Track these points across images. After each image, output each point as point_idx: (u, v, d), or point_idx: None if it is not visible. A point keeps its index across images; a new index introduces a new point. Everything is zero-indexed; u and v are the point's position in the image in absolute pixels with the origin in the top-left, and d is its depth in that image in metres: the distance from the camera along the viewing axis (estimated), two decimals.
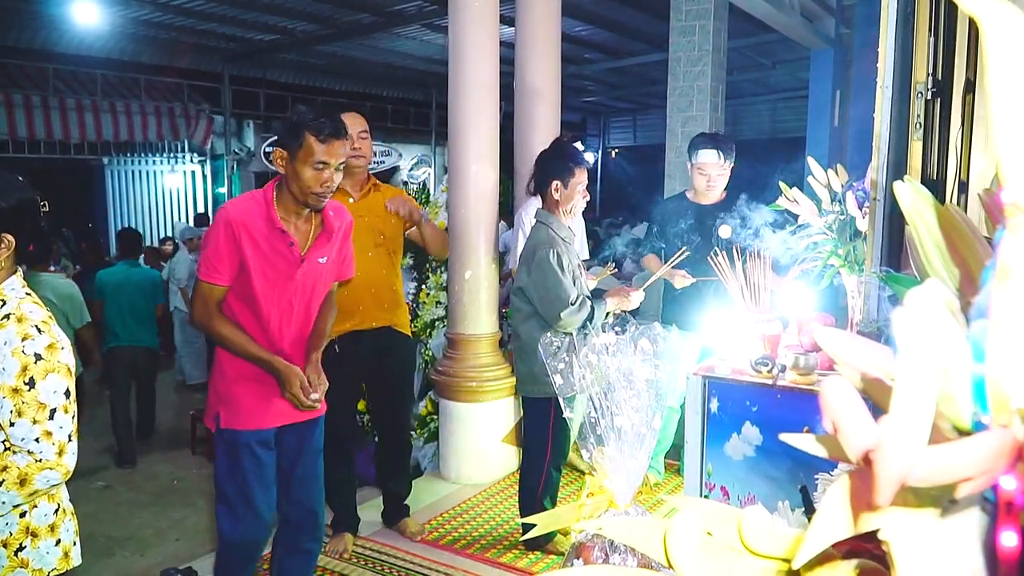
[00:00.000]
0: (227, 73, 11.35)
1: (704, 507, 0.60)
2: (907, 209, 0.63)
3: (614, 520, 0.63)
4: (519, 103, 4.93)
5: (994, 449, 0.41)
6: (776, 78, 12.44)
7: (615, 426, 1.87)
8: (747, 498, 2.70)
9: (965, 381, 0.44)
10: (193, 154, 12.52)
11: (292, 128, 2.35)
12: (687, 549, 0.57)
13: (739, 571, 0.57)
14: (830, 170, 3.16)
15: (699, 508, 0.60)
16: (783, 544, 0.57)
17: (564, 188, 3.37)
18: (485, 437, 4.59)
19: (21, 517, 1.88)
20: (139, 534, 4.66)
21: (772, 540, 0.57)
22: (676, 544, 0.57)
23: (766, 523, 0.58)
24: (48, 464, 1.82)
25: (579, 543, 1.95)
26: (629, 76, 13.12)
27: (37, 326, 1.85)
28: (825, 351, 0.56)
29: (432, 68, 11.27)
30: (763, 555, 0.57)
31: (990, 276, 0.45)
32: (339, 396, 3.60)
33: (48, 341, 1.85)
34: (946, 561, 0.44)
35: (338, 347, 3.51)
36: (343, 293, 3.46)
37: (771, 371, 2.69)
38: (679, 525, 0.58)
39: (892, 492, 0.41)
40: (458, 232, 4.50)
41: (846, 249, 3.06)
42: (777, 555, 0.57)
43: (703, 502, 0.61)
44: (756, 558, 0.57)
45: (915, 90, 2.45)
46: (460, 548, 3.77)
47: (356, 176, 3.52)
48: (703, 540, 0.58)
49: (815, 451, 0.51)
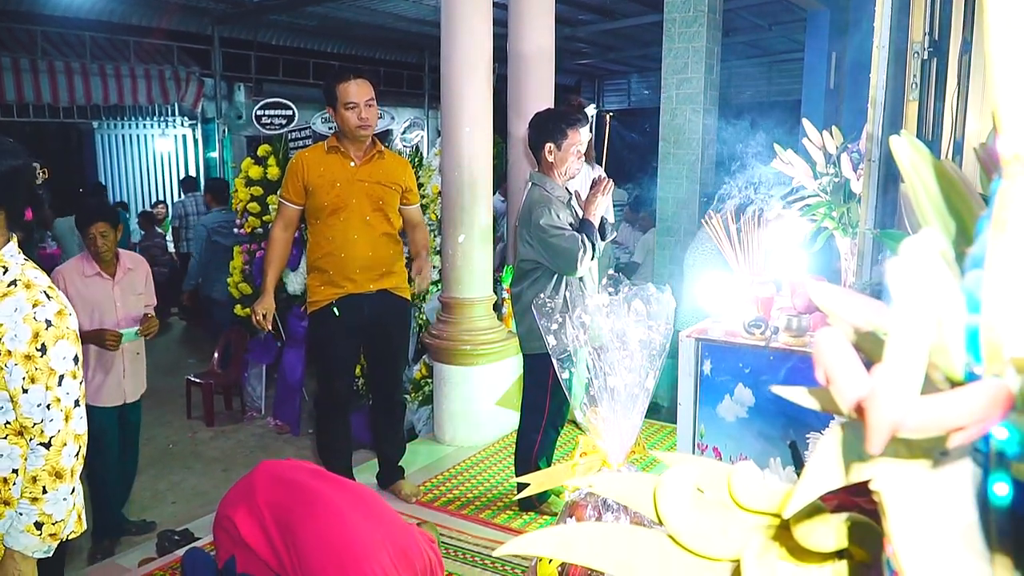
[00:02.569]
0: (217, 35, 11.20)
1: (694, 464, 0.60)
2: (903, 164, 0.62)
3: (605, 477, 0.63)
4: (513, 65, 4.88)
5: (987, 399, 0.41)
6: (772, 40, 12.33)
7: (608, 386, 1.88)
8: (739, 458, 2.72)
9: (958, 331, 0.43)
10: (184, 118, 12.39)
11: None
12: (677, 505, 0.57)
13: (730, 526, 0.58)
14: (825, 132, 3.14)
15: (689, 465, 0.60)
16: (774, 499, 0.57)
17: (557, 150, 3.36)
18: (479, 400, 4.62)
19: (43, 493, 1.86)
20: (136, 497, 4.69)
21: (762, 495, 0.57)
22: (666, 500, 0.57)
23: (756, 478, 0.58)
24: (61, 439, 1.83)
25: (572, 502, 1.97)
26: (623, 38, 12.98)
27: (46, 292, 1.85)
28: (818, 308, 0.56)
29: (425, 30, 11.14)
30: (753, 510, 0.57)
31: (985, 226, 0.45)
32: (338, 359, 3.65)
33: (57, 307, 1.85)
34: (938, 511, 0.44)
35: (337, 310, 3.53)
36: (342, 257, 3.46)
37: (764, 333, 2.70)
38: (669, 481, 0.58)
39: (884, 441, 0.41)
40: (451, 195, 4.48)
41: (840, 211, 3.06)
42: (768, 510, 0.57)
43: (693, 459, 0.61)
44: (747, 513, 0.58)
45: (911, 50, 2.43)
46: (455, 510, 3.80)
47: (361, 142, 3.52)
48: (693, 496, 0.58)
49: (807, 403, 0.51)
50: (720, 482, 0.59)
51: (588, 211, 3.37)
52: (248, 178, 5.97)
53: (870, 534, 0.53)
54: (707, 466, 0.60)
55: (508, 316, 4.81)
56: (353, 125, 3.42)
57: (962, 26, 2.24)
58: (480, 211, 4.50)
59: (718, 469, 0.59)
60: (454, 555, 3.36)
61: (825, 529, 0.53)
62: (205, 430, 5.94)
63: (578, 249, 3.21)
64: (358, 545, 2.24)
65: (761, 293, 2.88)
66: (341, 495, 2.45)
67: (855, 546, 0.54)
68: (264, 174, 5.92)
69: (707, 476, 0.59)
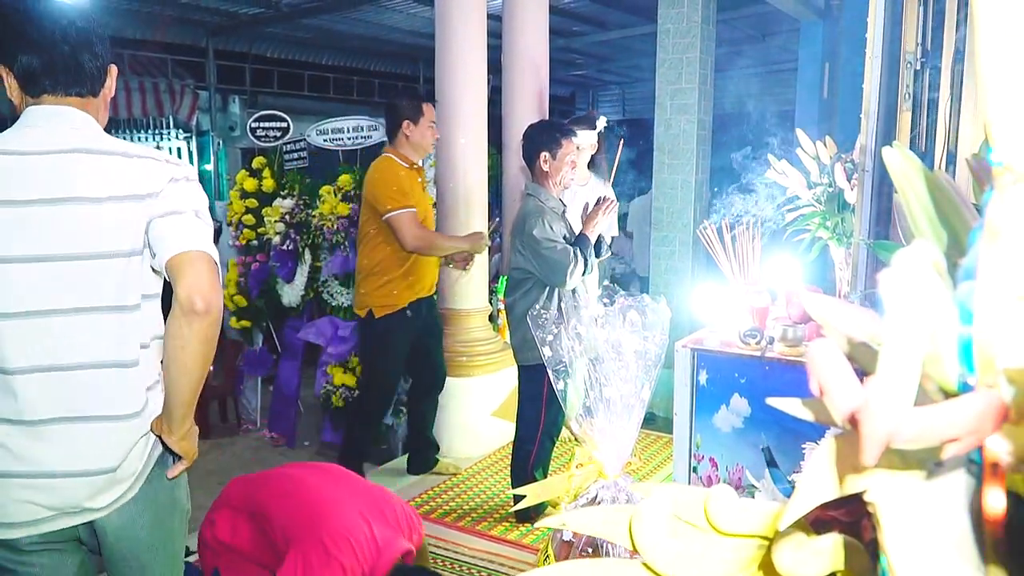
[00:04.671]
0: (212, 47, 11.21)
1: (670, 491, 0.59)
2: (896, 174, 0.62)
3: (579, 514, 0.62)
4: (507, 76, 4.89)
5: (980, 410, 0.41)
6: (765, 51, 12.39)
7: (604, 397, 1.88)
8: (735, 468, 2.72)
9: (952, 342, 0.44)
10: (179, 130, 12.37)
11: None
12: (654, 535, 0.56)
13: (709, 553, 0.57)
14: (819, 142, 3.16)
15: (665, 492, 0.59)
16: (753, 521, 0.56)
17: (552, 159, 3.39)
18: (476, 411, 4.61)
19: None
20: None
21: (741, 518, 0.56)
22: (641, 531, 0.56)
23: (733, 501, 0.57)
24: None
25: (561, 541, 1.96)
26: (618, 49, 13.03)
27: None
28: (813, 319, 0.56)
29: (420, 42, 11.16)
30: (733, 534, 0.57)
31: (978, 237, 0.45)
32: (402, 360, 4.05)
33: None
34: (932, 522, 0.44)
35: (410, 312, 3.88)
36: (427, 261, 3.90)
37: (759, 343, 2.70)
38: (644, 512, 0.57)
39: (878, 453, 0.41)
40: (446, 206, 4.48)
41: (834, 221, 3.06)
42: (748, 533, 0.57)
43: (669, 486, 0.60)
44: (726, 538, 0.57)
45: (904, 60, 2.44)
46: (451, 521, 3.79)
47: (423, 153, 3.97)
48: (671, 525, 0.57)
49: (801, 415, 0.51)
50: (697, 508, 0.58)
51: (587, 227, 3.42)
52: (243, 190, 5.97)
53: (855, 556, 0.53)
54: (684, 492, 0.59)
55: (504, 327, 4.81)
56: (431, 141, 3.89)
57: (954, 36, 2.26)
58: (475, 222, 4.50)
59: (695, 494, 0.59)
60: (450, 567, 3.35)
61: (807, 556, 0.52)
62: (200, 443, 5.89)
63: (569, 263, 3.22)
64: (327, 500, 2.21)
65: (756, 303, 2.88)
66: (305, 468, 2.47)
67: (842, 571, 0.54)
68: (259, 186, 5.92)
69: (684, 503, 0.58)
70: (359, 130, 5.66)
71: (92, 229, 1.62)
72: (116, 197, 1.63)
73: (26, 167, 1.61)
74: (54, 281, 1.60)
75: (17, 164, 1.61)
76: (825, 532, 0.57)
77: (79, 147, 1.65)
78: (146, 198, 1.65)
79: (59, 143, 1.65)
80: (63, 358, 1.62)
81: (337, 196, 5.45)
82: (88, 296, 1.63)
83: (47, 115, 1.69)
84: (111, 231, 1.63)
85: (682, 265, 5.52)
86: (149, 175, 1.67)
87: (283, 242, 5.79)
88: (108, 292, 1.64)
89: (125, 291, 1.66)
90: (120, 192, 1.63)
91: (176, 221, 1.66)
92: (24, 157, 1.62)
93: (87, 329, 1.63)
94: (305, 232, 5.68)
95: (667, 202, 5.59)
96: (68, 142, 1.65)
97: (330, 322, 5.61)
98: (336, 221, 5.42)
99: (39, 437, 1.61)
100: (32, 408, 1.61)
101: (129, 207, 1.64)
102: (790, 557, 0.51)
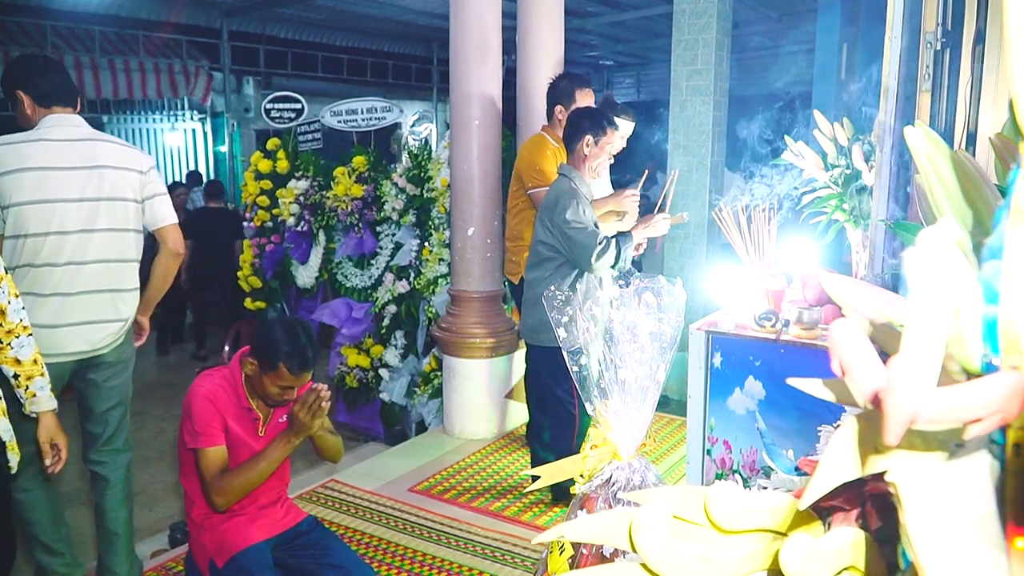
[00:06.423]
0: (226, 28, 11.21)
1: (670, 493, 0.58)
2: (918, 155, 0.62)
3: (578, 522, 0.61)
4: (521, 57, 4.87)
5: (1004, 390, 0.41)
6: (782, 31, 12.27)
7: (619, 379, 1.88)
8: (749, 451, 2.72)
9: (976, 322, 0.43)
10: (193, 111, 12.40)
11: (268, 351, 2.35)
12: (655, 539, 0.56)
13: (712, 553, 0.56)
14: (836, 124, 3.13)
15: (664, 495, 0.58)
16: (757, 516, 0.56)
17: (595, 146, 3.47)
18: (488, 393, 4.62)
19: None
20: (148, 489, 4.72)
21: (744, 514, 0.56)
22: (642, 536, 0.56)
23: (735, 497, 0.56)
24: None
25: (583, 494, 1.97)
26: (632, 30, 12.93)
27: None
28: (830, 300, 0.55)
29: (434, 23, 11.11)
30: (735, 531, 0.56)
31: (1003, 217, 0.44)
32: None
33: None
34: (954, 503, 0.44)
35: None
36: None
37: (774, 326, 2.69)
38: (643, 516, 0.56)
39: (901, 432, 0.40)
40: (461, 188, 4.48)
41: (851, 203, 3.04)
42: (751, 528, 0.56)
43: (668, 489, 0.59)
44: (729, 536, 0.56)
45: (924, 40, 2.41)
46: (464, 503, 3.81)
47: None
48: (672, 527, 0.56)
49: (823, 395, 0.51)
50: (699, 507, 0.57)
51: (636, 228, 3.55)
52: (257, 171, 5.98)
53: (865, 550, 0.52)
54: (684, 493, 0.58)
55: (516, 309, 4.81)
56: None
57: (975, 16, 2.23)
58: (489, 204, 4.49)
59: (695, 494, 0.58)
60: (464, 547, 3.37)
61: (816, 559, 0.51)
62: None
63: (596, 246, 3.28)
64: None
65: (772, 286, 2.87)
66: None
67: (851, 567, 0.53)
68: (273, 168, 5.93)
69: (685, 503, 0.58)
70: (373, 111, 5.66)
71: (115, 183, 2.79)
72: (125, 168, 2.82)
73: (67, 148, 2.72)
74: (93, 212, 2.74)
75: (61, 147, 2.72)
76: (825, 519, 0.56)
77: (93, 137, 2.81)
78: (143, 173, 2.88)
79: (80, 134, 2.78)
80: (102, 255, 2.77)
81: (351, 177, 5.45)
82: (115, 221, 2.79)
83: (60, 120, 2.76)
84: (125, 186, 2.81)
85: (697, 247, 5.50)
86: (141, 159, 2.90)
87: (297, 223, 5.81)
88: (127, 220, 2.83)
89: (134, 221, 2.86)
90: (127, 165, 2.83)
91: (161, 201, 2.94)
92: (63, 143, 2.73)
93: (114, 239, 2.80)
94: (319, 213, 5.69)
95: (681, 183, 5.56)
96: (83, 134, 2.80)
97: (344, 303, 5.63)
98: (350, 203, 5.43)
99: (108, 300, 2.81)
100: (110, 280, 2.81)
101: (134, 175, 2.85)
102: (799, 562, 0.51)
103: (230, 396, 2.46)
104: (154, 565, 3.32)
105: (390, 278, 5.42)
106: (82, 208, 2.70)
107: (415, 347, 5.44)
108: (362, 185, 5.41)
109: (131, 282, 2.89)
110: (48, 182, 2.66)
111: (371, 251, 5.57)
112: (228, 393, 2.46)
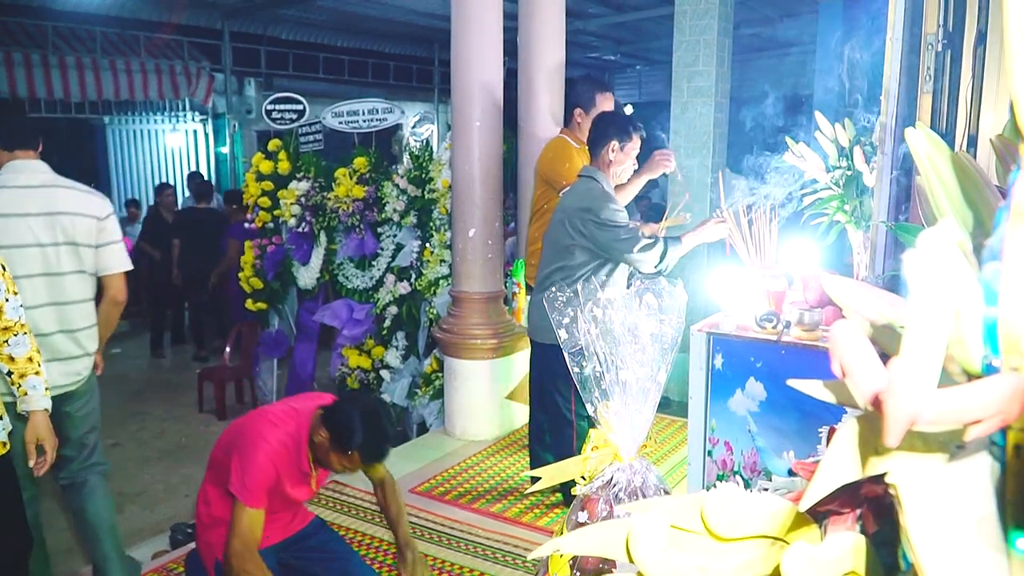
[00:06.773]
0: (227, 29, 11.22)
1: (667, 503, 0.58)
2: (919, 156, 0.62)
3: (575, 535, 0.61)
4: (523, 58, 4.87)
5: (1005, 392, 0.41)
6: (784, 32, 12.26)
7: (620, 380, 1.88)
8: (750, 452, 2.72)
9: (976, 323, 0.43)
10: (195, 113, 12.40)
11: (344, 433, 2.34)
12: (653, 551, 0.55)
13: (709, 562, 0.56)
14: (837, 125, 3.12)
15: (661, 505, 0.57)
16: (755, 521, 0.55)
17: (620, 151, 3.47)
18: (489, 394, 4.62)
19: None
20: (149, 490, 4.73)
21: (741, 520, 0.55)
22: (640, 548, 0.55)
23: (731, 504, 0.55)
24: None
25: (584, 495, 1.97)
26: (634, 31, 12.94)
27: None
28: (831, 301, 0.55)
29: (435, 24, 11.12)
30: (734, 538, 0.56)
31: (1003, 218, 0.44)
32: None
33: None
34: (954, 504, 0.44)
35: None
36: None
37: (775, 327, 2.69)
38: (641, 527, 0.56)
39: (901, 434, 0.40)
40: (462, 189, 4.48)
41: (852, 204, 3.04)
42: (750, 534, 0.55)
43: (665, 499, 0.59)
44: (727, 543, 0.56)
45: (925, 42, 2.41)
46: (465, 503, 3.81)
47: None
48: (670, 537, 0.56)
49: (823, 396, 0.51)
50: (697, 515, 0.57)
51: (687, 234, 3.49)
52: (259, 173, 5.98)
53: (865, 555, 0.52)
54: (681, 502, 0.58)
55: (518, 310, 4.81)
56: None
57: (976, 18, 2.22)
58: (490, 205, 4.49)
59: (692, 502, 0.57)
60: (465, 548, 3.37)
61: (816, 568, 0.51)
62: (216, 423, 5.96)
63: (639, 239, 3.28)
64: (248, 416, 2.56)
65: (773, 287, 2.87)
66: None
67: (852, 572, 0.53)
68: (275, 169, 5.93)
69: (682, 511, 0.57)
70: (374, 112, 5.65)
71: (70, 229, 2.91)
72: (82, 215, 2.94)
73: (24, 195, 2.85)
74: (58, 256, 2.89)
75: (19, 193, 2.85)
76: (821, 523, 0.56)
77: (52, 183, 2.94)
78: (100, 219, 2.99)
79: (39, 180, 2.91)
80: (64, 297, 2.92)
81: (352, 179, 5.45)
82: (77, 264, 2.94)
83: (23, 166, 2.90)
84: (83, 231, 2.94)
85: (698, 248, 5.49)
86: (100, 205, 3.01)
87: (298, 224, 5.80)
88: (86, 263, 2.97)
89: (90, 265, 2.99)
90: (85, 212, 2.95)
91: (113, 249, 3.05)
92: (22, 190, 2.86)
93: (77, 282, 2.96)
94: (320, 214, 5.69)
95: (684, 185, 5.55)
96: (43, 180, 2.92)
97: (345, 305, 5.62)
98: (351, 204, 5.43)
99: (71, 339, 2.95)
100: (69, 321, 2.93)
101: (91, 221, 2.96)
102: (800, 570, 0.50)
103: (292, 460, 2.43)
104: (155, 566, 3.32)
105: (391, 279, 5.42)
106: (45, 252, 2.86)
107: (416, 348, 5.44)
108: (363, 186, 5.40)
109: (91, 320, 3.05)
110: (6, 230, 2.81)
111: (372, 252, 5.56)
112: (291, 456, 2.43)
